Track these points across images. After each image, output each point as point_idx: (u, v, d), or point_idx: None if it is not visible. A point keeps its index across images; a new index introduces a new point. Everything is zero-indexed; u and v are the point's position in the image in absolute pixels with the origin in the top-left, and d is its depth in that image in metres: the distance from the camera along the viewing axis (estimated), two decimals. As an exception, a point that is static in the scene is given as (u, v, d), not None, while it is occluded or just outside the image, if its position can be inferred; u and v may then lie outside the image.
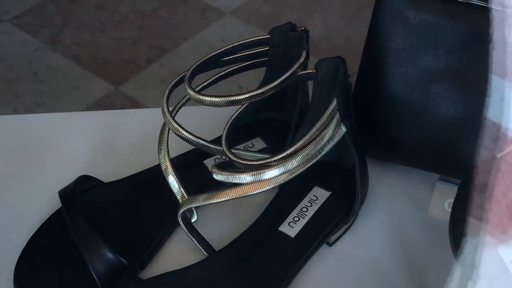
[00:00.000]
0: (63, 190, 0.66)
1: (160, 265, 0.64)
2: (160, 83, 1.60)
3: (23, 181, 0.71)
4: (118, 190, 0.68)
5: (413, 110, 0.65)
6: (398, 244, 0.65)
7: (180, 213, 0.62)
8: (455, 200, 0.59)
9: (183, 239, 0.64)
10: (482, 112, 0.47)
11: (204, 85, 0.65)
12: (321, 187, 0.68)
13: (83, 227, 0.62)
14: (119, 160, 0.73)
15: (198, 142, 0.63)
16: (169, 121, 0.63)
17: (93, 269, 0.60)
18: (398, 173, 0.71)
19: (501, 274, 0.46)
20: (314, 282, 0.63)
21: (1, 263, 0.63)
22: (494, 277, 0.46)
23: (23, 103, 1.57)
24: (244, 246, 0.63)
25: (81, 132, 0.76)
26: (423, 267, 0.64)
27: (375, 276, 0.63)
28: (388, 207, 0.69)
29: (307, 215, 0.65)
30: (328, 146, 0.59)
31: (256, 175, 0.56)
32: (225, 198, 0.58)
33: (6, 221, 0.67)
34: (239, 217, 0.67)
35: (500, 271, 0.46)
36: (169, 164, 0.63)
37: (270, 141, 0.72)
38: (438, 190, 0.67)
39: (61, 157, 0.73)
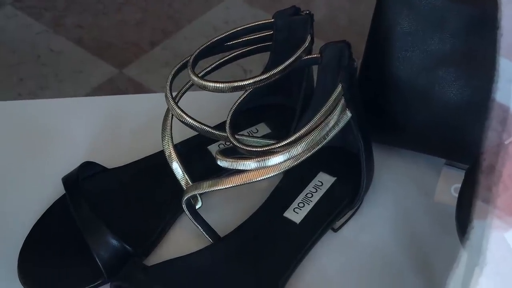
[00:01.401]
0: (67, 176, 0.66)
1: (165, 252, 0.64)
2: (164, 66, 1.59)
3: (27, 167, 0.71)
4: (122, 176, 0.68)
5: (419, 94, 0.64)
6: (404, 230, 0.65)
7: (184, 200, 0.62)
8: (462, 185, 0.58)
9: (188, 226, 0.64)
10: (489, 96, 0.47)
11: (208, 70, 0.65)
12: (326, 173, 0.67)
13: (87, 213, 0.62)
14: (122, 146, 0.72)
15: (202, 128, 0.63)
16: (173, 107, 0.62)
17: (97, 256, 0.60)
18: (404, 158, 0.70)
19: (509, 256, 0.45)
20: (319, 268, 0.63)
21: (5, 250, 0.63)
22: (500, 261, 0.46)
23: (27, 86, 1.57)
24: (248, 233, 0.63)
25: (84, 118, 0.75)
26: (428, 253, 0.63)
27: (380, 262, 0.63)
28: (394, 192, 0.68)
29: (312, 201, 0.65)
30: (333, 132, 0.58)
31: (261, 162, 0.56)
32: (229, 185, 0.58)
33: (10, 207, 0.67)
34: (244, 203, 0.66)
35: (508, 253, 0.46)
36: (172, 150, 0.63)
37: (275, 126, 0.72)
38: (444, 175, 0.67)
39: (64, 143, 0.73)
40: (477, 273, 0.45)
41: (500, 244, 0.45)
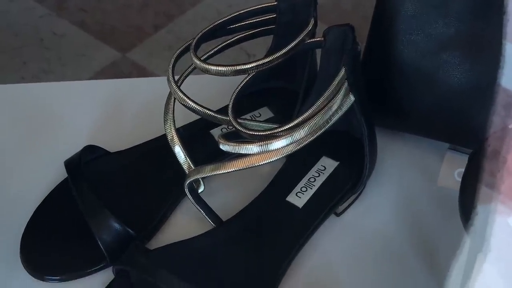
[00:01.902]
0: (69, 160, 0.66)
1: (167, 236, 0.64)
2: (167, 50, 1.59)
3: (29, 150, 0.71)
4: (124, 160, 0.68)
5: (423, 78, 0.64)
6: (407, 215, 0.65)
7: (186, 184, 0.61)
8: (466, 170, 0.58)
9: (190, 210, 0.64)
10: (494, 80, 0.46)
11: (210, 53, 0.64)
12: (329, 157, 0.67)
13: (89, 197, 0.62)
14: (125, 130, 0.72)
15: (204, 112, 0.63)
16: (175, 91, 0.62)
17: (99, 240, 0.60)
18: (407, 143, 0.70)
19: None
20: (322, 252, 0.62)
21: (8, 233, 0.63)
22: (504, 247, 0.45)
23: (30, 70, 1.57)
24: (251, 217, 0.63)
25: (86, 101, 0.75)
26: (431, 238, 0.63)
27: (383, 247, 0.63)
28: (397, 177, 0.68)
29: (315, 185, 0.65)
30: (336, 116, 0.58)
31: (263, 146, 0.56)
32: (232, 169, 0.58)
33: (12, 190, 0.67)
34: (246, 187, 0.66)
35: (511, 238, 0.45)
36: (175, 134, 0.63)
37: (278, 110, 0.72)
38: (448, 160, 0.66)
39: (66, 127, 0.73)
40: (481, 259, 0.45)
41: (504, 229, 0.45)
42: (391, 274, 0.61)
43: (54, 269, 0.60)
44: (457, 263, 0.47)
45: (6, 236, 0.63)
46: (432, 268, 0.61)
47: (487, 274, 0.44)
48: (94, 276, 0.61)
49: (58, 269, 0.60)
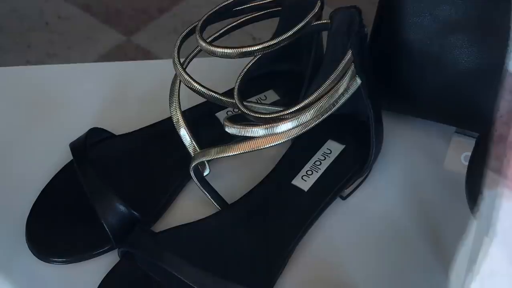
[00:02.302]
0: (74, 142, 0.66)
1: (172, 219, 0.64)
2: (172, 33, 1.58)
3: (34, 133, 0.71)
4: (129, 143, 0.68)
5: (431, 61, 0.63)
6: (413, 198, 0.65)
7: (192, 167, 0.61)
8: (472, 154, 0.58)
9: (195, 193, 0.64)
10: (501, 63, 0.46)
11: (216, 36, 0.64)
12: (335, 141, 0.67)
13: (95, 180, 0.62)
14: (130, 113, 0.72)
15: (210, 95, 0.62)
16: (180, 73, 0.62)
17: (105, 222, 0.60)
18: (413, 126, 0.70)
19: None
20: (327, 236, 0.62)
21: (13, 216, 0.63)
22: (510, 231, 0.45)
23: (35, 53, 1.56)
24: (256, 200, 0.63)
25: (92, 84, 0.75)
26: (437, 222, 0.63)
27: (388, 230, 0.63)
28: (403, 160, 0.68)
29: (321, 168, 0.64)
30: (343, 99, 0.58)
31: (269, 128, 0.55)
32: (237, 152, 0.57)
33: (18, 173, 0.67)
34: (252, 170, 0.66)
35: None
36: (180, 116, 0.63)
37: (284, 93, 0.71)
38: (455, 143, 0.66)
39: (72, 109, 0.73)
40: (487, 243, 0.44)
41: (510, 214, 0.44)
42: (396, 258, 0.61)
43: (59, 251, 0.60)
44: (463, 247, 0.47)
45: (12, 219, 0.63)
46: (438, 251, 0.61)
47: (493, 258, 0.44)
48: (99, 259, 0.61)
49: (63, 252, 0.60)
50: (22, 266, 0.60)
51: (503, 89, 0.46)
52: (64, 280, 0.59)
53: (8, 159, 0.68)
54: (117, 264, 0.59)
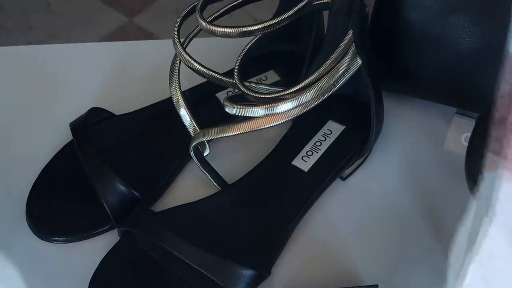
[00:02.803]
0: (74, 122, 0.66)
1: (172, 198, 0.64)
2: (174, 14, 1.57)
3: (34, 112, 0.71)
4: (129, 123, 0.68)
5: (432, 41, 0.63)
6: (413, 179, 0.65)
7: (192, 147, 0.61)
8: (473, 134, 0.58)
9: (195, 173, 0.64)
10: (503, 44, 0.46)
11: (216, 15, 0.63)
12: (335, 121, 0.67)
13: (95, 159, 0.62)
14: (130, 93, 0.72)
15: (210, 75, 0.62)
16: (180, 53, 0.61)
17: (105, 202, 0.60)
18: (414, 107, 0.70)
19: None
20: (327, 216, 0.62)
21: (13, 195, 0.63)
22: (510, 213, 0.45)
23: (36, 34, 1.56)
24: (256, 180, 0.63)
25: (92, 64, 0.75)
26: (437, 202, 0.63)
27: (388, 211, 0.63)
28: (404, 141, 0.68)
29: (321, 149, 0.64)
30: (343, 79, 0.57)
31: (269, 108, 0.55)
32: (237, 132, 0.57)
33: (18, 152, 0.67)
34: (252, 151, 0.66)
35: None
36: (180, 96, 0.62)
37: (284, 74, 0.71)
38: (455, 124, 0.66)
39: (72, 89, 0.73)
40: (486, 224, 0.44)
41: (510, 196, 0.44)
42: (396, 238, 0.61)
43: (59, 231, 0.61)
44: (463, 227, 0.47)
45: (12, 198, 0.63)
46: (438, 232, 0.61)
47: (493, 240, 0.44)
48: (99, 238, 0.61)
49: (63, 231, 0.61)
50: (22, 245, 0.60)
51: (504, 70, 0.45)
52: (64, 259, 0.60)
53: (8, 139, 0.68)
54: (117, 243, 0.59)
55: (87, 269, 0.58)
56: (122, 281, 0.57)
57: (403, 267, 0.59)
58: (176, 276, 0.57)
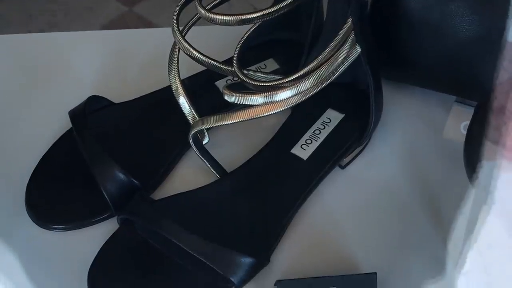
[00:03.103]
0: (73, 110, 0.66)
1: (172, 186, 0.64)
2: (173, 3, 1.56)
3: (34, 101, 0.71)
4: (129, 111, 0.68)
5: (431, 29, 0.63)
6: (412, 167, 0.65)
7: (191, 135, 0.61)
8: (471, 122, 0.58)
9: (195, 161, 0.64)
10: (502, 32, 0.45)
11: (215, 3, 0.63)
12: (334, 109, 0.67)
13: (94, 147, 0.62)
14: (129, 81, 0.72)
15: (209, 63, 0.62)
16: (179, 41, 0.61)
17: (104, 189, 0.60)
18: (413, 95, 0.70)
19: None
20: (326, 204, 0.63)
21: (13, 182, 0.63)
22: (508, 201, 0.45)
23: (36, 23, 1.56)
24: (255, 168, 0.63)
25: (91, 52, 0.75)
26: (436, 190, 0.63)
27: (387, 199, 0.63)
28: (403, 129, 0.68)
29: (320, 137, 0.64)
30: (342, 67, 0.57)
31: (268, 97, 0.55)
32: (236, 120, 0.57)
33: (17, 140, 0.67)
34: (251, 139, 0.66)
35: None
36: (179, 84, 0.62)
37: (283, 62, 0.71)
38: (454, 112, 0.66)
39: (71, 77, 0.73)
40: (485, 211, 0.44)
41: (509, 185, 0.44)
42: (394, 226, 0.61)
43: (58, 218, 0.61)
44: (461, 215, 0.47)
45: (12, 185, 0.63)
46: (436, 220, 0.61)
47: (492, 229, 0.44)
48: (98, 226, 0.61)
49: (62, 218, 0.61)
50: (22, 233, 0.60)
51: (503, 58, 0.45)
52: (64, 247, 0.60)
53: (8, 127, 0.69)
54: (116, 231, 0.59)
55: (86, 257, 0.58)
56: (121, 268, 0.57)
57: (402, 255, 0.59)
58: (175, 264, 0.57)
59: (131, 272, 0.57)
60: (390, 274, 0.57)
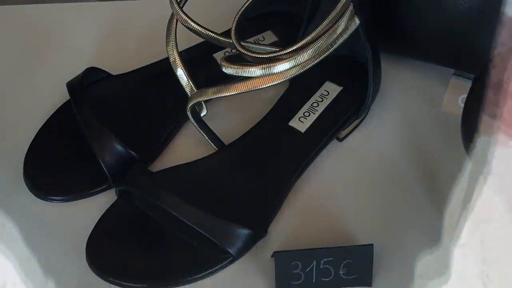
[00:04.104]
0: (71, 81, 0.65)
1: (170, 158, 0.64)
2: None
3: (32, 72, 0.70)
4: (126, 83, 0.67)
5: (430, 2, 0.63)
6: (410, 140, 0.65)
7: (189, 107, 0.61)
8: (469, 94, 0.58)
9: (192, 133, 0.64)
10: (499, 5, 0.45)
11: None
12: (332, 82, 0.66)
13: (92, 119, 0.62)
14: (127, 52, 0.72)
15: (207, 34, 0.62)
16: (177, 12, 0.61)
17: (102, 161, 0.60)
18: (411, 68, 0.69)
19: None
20: (324, 177, 0.63)
21: (11, 154, 0.63)
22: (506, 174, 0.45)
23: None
24: (253, 141, 0.63)
25: (88, 23, 0.74)
26: (434, 162, 0.63)
27: (385, 171, 0.63)
28: (400, 102, 0.68)
29: (318, 110, 0.64)
30: (341, 39, 0.57)
31: (266, 69, 0.55)
32: (234, 92, 0.57)
33: (15, 112, 0.67)
34: (249, 112, 0.66)
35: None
36: (177, 56, 0.62)
37: (282, 34, 0.71)
38: (452, 85, 0.66)
39: (68, 49, 0.72)
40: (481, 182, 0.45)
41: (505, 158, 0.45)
42: (391, 198, 0.61)
43: (57, 190, 0.61)
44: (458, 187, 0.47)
45: (10, 157, 0.63)
46: (433, 192, 0.61)
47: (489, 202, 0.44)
48: (96, 197, 0.61)
49: (61, 190, 0.61)
50: (20, 204, 0.61)
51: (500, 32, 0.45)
52: (62, 218, 0.60)
53: (5, 99, 0.68)
54: (114, 202, 0.60)
55: (84, 228, 0.58)
56: (119, 239, 0.58)
57: (398, 227, 0.60)
58: (172, 235, 0.57)
59: (128, 243, 0.58)
60: (386, 245, 0.58)
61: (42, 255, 0.51)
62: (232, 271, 0.57)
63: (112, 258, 0.57)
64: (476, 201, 0.44)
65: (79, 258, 0.57)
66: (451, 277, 0.44)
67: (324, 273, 0.55)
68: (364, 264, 0.55)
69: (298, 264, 0.55)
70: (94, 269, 0.56)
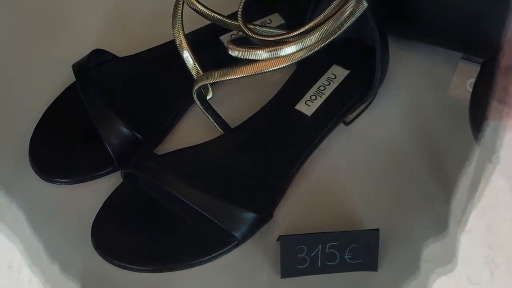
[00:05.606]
0: (77, 63, 0.65)
1: (175, 141, 0.64)
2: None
3: (37, 54, 0.70)
4: (132, 65, 0.67)
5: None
6: (417, 124, 0.64)
7: (195, 90, 0.61)
8: (477, 79, 0.57)
9: (198, 116, 0.64)
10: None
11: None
12: (339, 65, 0.66)
13: (98, 101, 0.62)
14: (133, 34, 0.71)
15: (214, 17, 0.62)
16: (184, -6, 0.60)
17: (107, 144, 0.60)
18: (419, 52, 0.69)
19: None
20: (330, 161, 0.63)
21: (16, 136, 0.63)
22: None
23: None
24: (260, 124, 0.63)
25: (94, 5, 0.74)
26: (441, 148, 0.63)
27: (391, 156, 0.63)
28: (408, 86, 0.67)
29: (325, 94, 0.64)
30: (348, 22, 0.57)
31: (273, 51, 0.55)
32: (240, 75, 0.57)
33: (21, 93, 0.67)
34: (255, 95, 0.66)
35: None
36: (183, 38, 0.62)
37: (288, 17, 0.70)
38: (461, 69, 0.65)
39: (74, 30, 0.72)
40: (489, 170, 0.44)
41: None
42: (398, 184, 0.61)
43: (62, 172, 0.61)
44: (466, 173, 0.47)
45: (15, 139, 0.63)
46: (441, 178, 0.61)
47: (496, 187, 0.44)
48: (102, 180, 0.61)
49: (66, 172, 0.61)
50: (26, 186, 0.61)
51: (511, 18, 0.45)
52: (68, 200, 0.60)
53: (11, 81, 0.68)
54: (119, 185, 0.60)
55: (90, 211, 0.58)
56: (124, 222, 0.58)
57: (405, 212, 0.59)
58: (178, 218, 0.57)
59: (134, 225, 0.58)
60: (392, 230, 0.58)
61: (47, 237, 0.52)
62: (237, 255, 0.57)
63: (117, 241, 0.57)
64: (484, 187, 0.44)
65: (84, 240, 0.57)
66: (457, 263, 0.44)
67: (329, 258, 0.55)
68: (370, 249, 0.55)
69: (304, 248, 0.55)
70: (99, 252, 0.56)
